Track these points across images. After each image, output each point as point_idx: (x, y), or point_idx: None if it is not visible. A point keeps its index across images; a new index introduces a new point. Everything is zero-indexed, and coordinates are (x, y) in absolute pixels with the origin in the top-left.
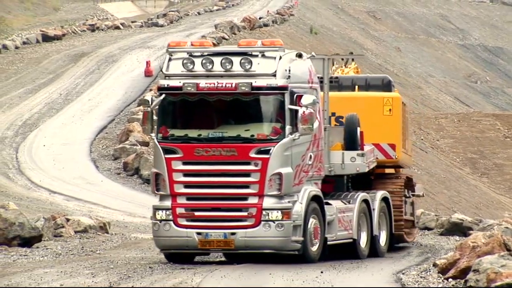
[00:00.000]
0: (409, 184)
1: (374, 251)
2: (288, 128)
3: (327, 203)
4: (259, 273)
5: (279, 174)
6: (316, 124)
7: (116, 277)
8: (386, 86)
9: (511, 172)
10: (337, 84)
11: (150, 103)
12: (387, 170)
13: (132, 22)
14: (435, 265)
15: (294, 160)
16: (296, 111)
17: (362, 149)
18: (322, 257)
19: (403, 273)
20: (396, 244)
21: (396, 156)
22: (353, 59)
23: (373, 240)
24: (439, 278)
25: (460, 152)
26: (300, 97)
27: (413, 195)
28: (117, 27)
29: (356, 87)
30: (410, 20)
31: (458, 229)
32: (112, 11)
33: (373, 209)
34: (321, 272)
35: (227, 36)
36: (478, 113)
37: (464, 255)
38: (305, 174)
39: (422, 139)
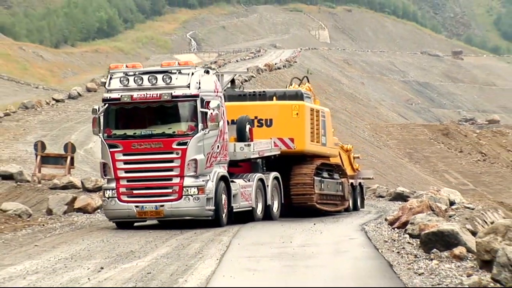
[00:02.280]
0: (337, 169)
1: (268, 216)
2: (200, 125)
3: (233, 181)
4: (274, 225)
5: (195, 160)
6: (221, 123)
7: (187, 228)
8: (300, 97)
9: (434, 161)
10: (264, 96)
11: (97, 111)
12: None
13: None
14: (386, 219)
15: (206, 149)
16: (206, 113)
17: (251, 140)
18: (229, 221)
19: (365, 225)
20: (318, 213)
21: (295, 147)
22: (308, 80)
23: (267, 208)
24: (388, 227)
25: (402, 148)
26: (208, 102)
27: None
28: None
29: (275, 97)
30: (370, 65)
31: (401, 197)
32: (182, 59)
33: (267, 186)
34: (314, 224)
35: (255, 75)
36: (413, 124)
37: (404, 213)
38: (214, 159)
39: (377, 140)
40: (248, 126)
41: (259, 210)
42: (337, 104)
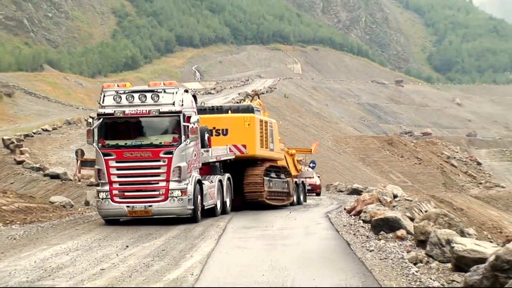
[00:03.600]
0: (283, 170)
1: (224, 211)
2: (183, 137)
3: (203, 183)
4: (259, 213)
5: (179, 167)
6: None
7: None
8: (251, 110)
9: (381, 164)
10: (221, 110)
11: (92, 124)
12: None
13: (198, 91)
14: (345, 209)
15: (187, 157)
16: (187, 126)
17: (210, 147)
18: (201, 217)
19: (329, 213)
20: (267, 207)
21: (247, 152)
22: (259, 97)
23: (223, 204)
24: (347, 215)
25: (357, 154)
26: (189, 117)
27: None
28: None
29: (230, 111)
30: (333, 91)
31: (356, 192)
32: (192, 87)
33: (223, 185)
34: (289, 212)
35: (244, 98)
36: (365, 136)
37: (359, 204)
38: (193, 166)
39: (338, 148)
40: (207, 135)
41: (219, 206)
42: (307, 120)
